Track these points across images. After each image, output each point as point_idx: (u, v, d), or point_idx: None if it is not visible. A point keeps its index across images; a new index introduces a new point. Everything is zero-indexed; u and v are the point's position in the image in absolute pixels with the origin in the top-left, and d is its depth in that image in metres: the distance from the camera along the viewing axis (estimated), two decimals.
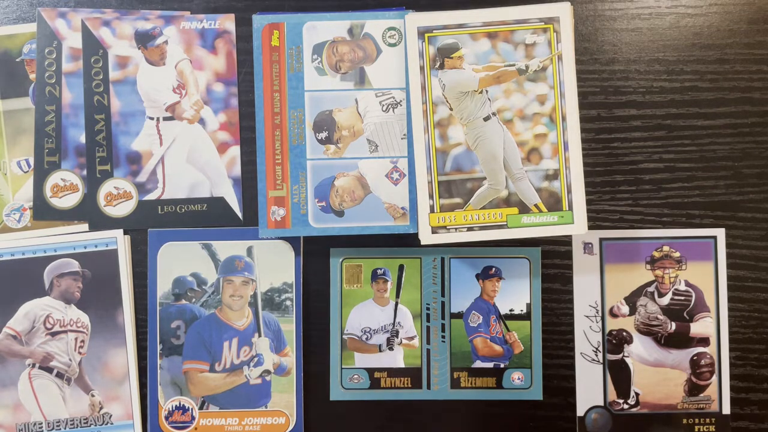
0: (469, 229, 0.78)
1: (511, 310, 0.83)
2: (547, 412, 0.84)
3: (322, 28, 0.81)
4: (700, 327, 0.83)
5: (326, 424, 0.84)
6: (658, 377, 0.84)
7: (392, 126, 0.81)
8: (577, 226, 0.78)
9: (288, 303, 0.83)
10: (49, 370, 0.82)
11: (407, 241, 0.83)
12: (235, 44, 0.83)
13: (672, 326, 0.84)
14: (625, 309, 0.84)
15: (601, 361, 0.84)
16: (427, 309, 0.84)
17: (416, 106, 0.79)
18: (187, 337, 0.82)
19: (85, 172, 0.82)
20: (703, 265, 0.83)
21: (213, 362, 0.82)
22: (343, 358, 0.83)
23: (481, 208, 0.79)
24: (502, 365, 0.83)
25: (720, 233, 0.83)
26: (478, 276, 0.83)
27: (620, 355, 0.84)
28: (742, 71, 0.83)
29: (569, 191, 0.78)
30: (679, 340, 0.84)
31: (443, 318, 0.84)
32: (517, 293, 0.83)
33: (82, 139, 0.82)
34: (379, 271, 0.83)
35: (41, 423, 0.82)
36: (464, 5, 0.79)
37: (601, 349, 0.84)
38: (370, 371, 0.83)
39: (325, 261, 0.83)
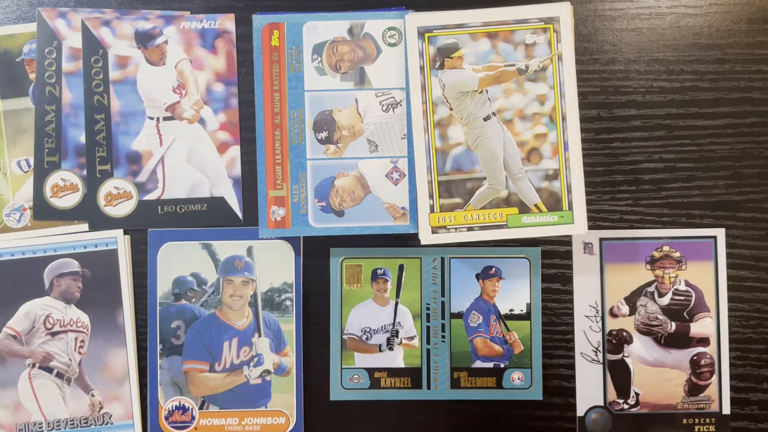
0: (469, 229, 0.78)
1: (511, 310, 0.83)
2: (547, 412, 0.84)
3: (322, 28, 0.81)
4: (700, 327, 0.83)
5: (326, 424, 0.84)
6: (658, 377, 0.84)
7: (392, 126, 0.81)
8: (577, 226, 0.78)
9: (288, 303, 0.83)
10: (49, 370, 0.82)
11: (407, 241, 0.83)
12: (235, 44, 0.83)
13: (672, 326, 0.84)
14: (625, 309, 0.84)
15: (601, 361, 0.84)
16: (427, 309, 0.84)
17: (416, 106, 0.79)
18: (187, 337, 0.82)
19: (85, 172, 0.82)
20: (703, 265, 0.83)
21: (213, 362, 0.82)
22: (343, 358, 0.83)
23: (481, 208, 0.79)
24: (502, 365, 0.83)
25: (720, 233, 0.83)
26: (478, 276, 0.83)
27: (620, 355, 0.84)
28: (742, 71, 0.83)
29: (569, 191, 0.78)
30: (679, 340, 0.84)
31: (443, 318, 0.84)
32: (517, 293, 0.83)
33: (82, 139, 0.82)
34: (379, 271, 0.83)
35: (41, 423, 0.82)
36: (464, 5, 0.79)
37: (601, 349, 0.84)
38: (370, 371, 0.83)
39: (325, 261, 0.83)
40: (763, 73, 0.83)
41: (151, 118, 0.83)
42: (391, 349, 0.84)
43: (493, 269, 0.83)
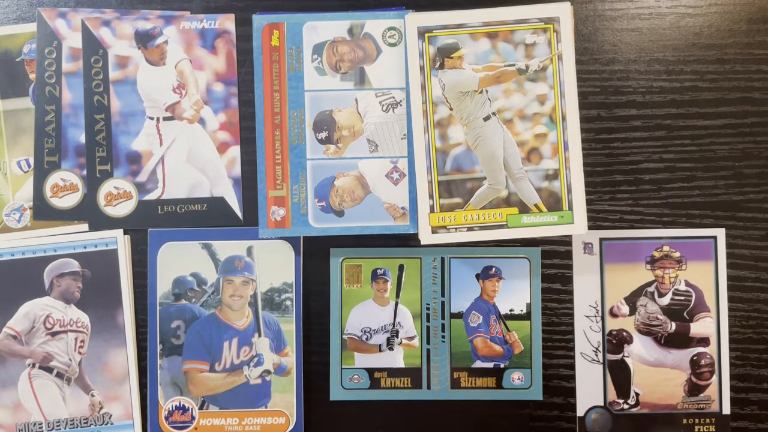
0: (469, 229, 0.78)
1: (511, 310, 0.83)
2: (547, 412, 0.84)
3: (322, 28, 0.81)
4: (700, 327, 0.83)
5: (326, 424, 0.84)
6: (658, 377, 0.84)
7: (392, 126, 0.81)
8: (577, 226, 0.78)
9: (288, 303, 0.83)
10: (49, 370, 0.82)
11: (407, 241, 0.83)
12: (235, 44, 0.83)
13: (672, 326, 0.84)
14: (625, 309, 0.84)
15: (601, 361, 0.84)
16: (427, 309, 0.84)
17: (416, 106, 0.79)
18: (187, 337, 0.82)
19: (85, 172, 0.82)
20: (703, 265, 0.83)
21: (213, 362, 0.82)
22: (343, 358, 0.83)
23: (481, 208, 0.79)
24: (502, 365, 0.83)
25: (720, 233, 0.83)
26: (478, 276, 0.83)
27: (620, 355, 0.84)
28: (742, 71, 0.83)
29: (569, 191, 0.78)
30: (679, 340, 0.84)
31: (443, 318, 0.84)
32: (517, 293, 0.83)
33: (82, 139, 0.82)
34: (379, 271, 0.83)
35: (41, 423, 0.82)
36: (464, 5, 0.79)
37: (601, 349, 0.84)
38: (370, 371, 0.83)
39: (325, 261, 0.83)
40: (763, 73, 0.83)
41: (151, 118, 0.83)
42: (391, 349, 0.84)
43: (493, 269, 0.83)
